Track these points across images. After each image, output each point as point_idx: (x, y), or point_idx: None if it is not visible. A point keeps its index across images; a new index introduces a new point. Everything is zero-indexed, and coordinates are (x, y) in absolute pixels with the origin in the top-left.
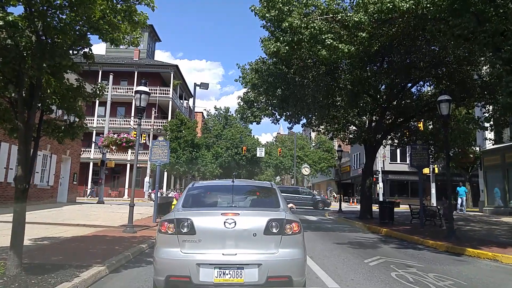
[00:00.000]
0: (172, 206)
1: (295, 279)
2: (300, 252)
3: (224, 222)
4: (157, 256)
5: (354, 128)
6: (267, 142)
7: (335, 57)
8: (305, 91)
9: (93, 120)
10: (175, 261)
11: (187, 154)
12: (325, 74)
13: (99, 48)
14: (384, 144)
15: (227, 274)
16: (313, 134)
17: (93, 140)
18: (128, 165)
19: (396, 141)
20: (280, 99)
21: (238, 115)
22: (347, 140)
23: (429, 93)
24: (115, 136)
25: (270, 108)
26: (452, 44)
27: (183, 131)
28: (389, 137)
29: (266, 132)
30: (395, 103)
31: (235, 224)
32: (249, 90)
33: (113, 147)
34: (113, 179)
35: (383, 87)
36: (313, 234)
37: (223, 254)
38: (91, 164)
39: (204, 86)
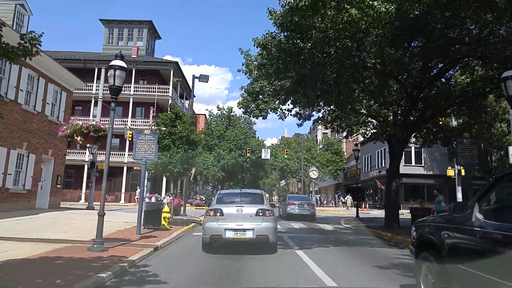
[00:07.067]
0: (164, 214)
1: (270, 237)
2: (273, 224)
3: (237, 210)
4: (205, 226)
5: (375, 122)
6: (272, 144)
7: (365, 23)
8: (327, 70)
9: (88, 120)
10: (214, 228)
11: (182, 153)
12: (350, 50)
13: (97, 47)
14: (410, 141)
15: (238, 233)
16: (319, 136)
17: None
18: (125, 168)
19: (420, 138)
20: (295, 80)
21: (242, 109)
22: (367, 136)
23: (466, 81)
24: (80, 123)
25: (281, 93)
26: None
27: (178, 126)
28: (415, 133)
29: (271, 136)
30: (426, 91)
31: (242, 211)
32: (253, 82)
33: (78, 138)
34: (109, 182)
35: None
36: (337, 251)
37: (236, 225)
38: (86, 166)
39: (204, 78)
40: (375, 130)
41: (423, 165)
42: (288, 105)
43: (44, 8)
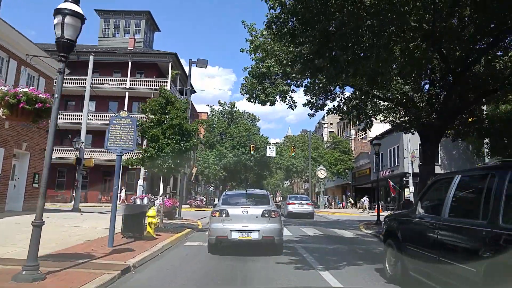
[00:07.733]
0: (149, 218)
1: (276, 238)
2: (278, 225)
3: (242, 211)
4: (211, 227)
5: (403, 110)
6: (277, 142)
7: None
8: (363, 25)
9: (81, 116)
10: (220, 228)
11: (173, 145)
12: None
13: (92, 40)
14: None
15: (244, 234)
16: (325, 135)
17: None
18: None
19: (452, 130)
20: (319, 41)
21: (245, 94)
22: (395, 125)
23: None
24: (5, 89)
25: (300, 60)
26: None
27: (170, 113)
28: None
29: (275, 137)
30: (472, 69)
31: (248, 212)
32: (259, 62)
33: (2, 111)
34: (104, 182)
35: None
36: (375, 272)
37: (242, 225)
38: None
39: (202, 63)
40: (406, 118)
41: (440, 164)
42: (306, 78)
43: None
